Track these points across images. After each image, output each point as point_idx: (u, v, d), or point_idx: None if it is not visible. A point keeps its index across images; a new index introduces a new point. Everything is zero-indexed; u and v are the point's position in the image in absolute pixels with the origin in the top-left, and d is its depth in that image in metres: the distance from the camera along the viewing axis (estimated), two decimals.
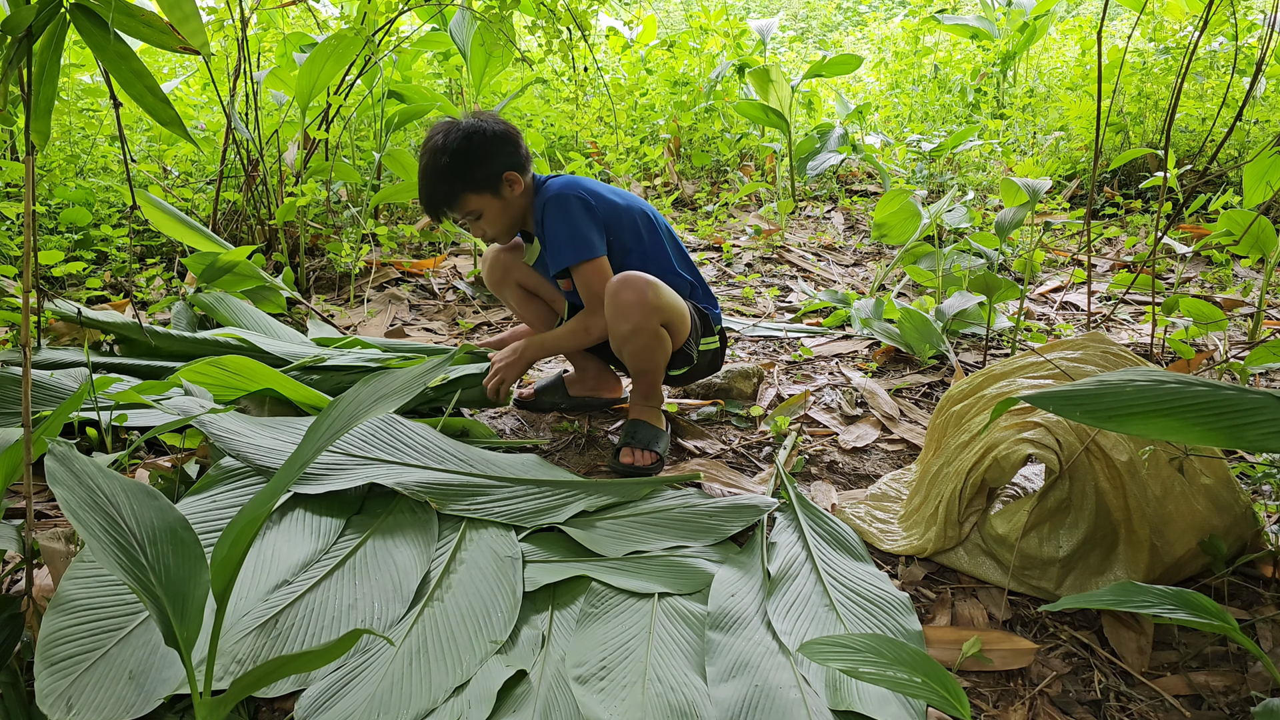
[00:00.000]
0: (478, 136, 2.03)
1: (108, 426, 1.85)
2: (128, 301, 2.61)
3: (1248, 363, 1.98)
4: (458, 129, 2.03)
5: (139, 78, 1.40)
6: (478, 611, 1.44)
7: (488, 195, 2.06)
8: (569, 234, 2.01)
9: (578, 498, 1.77)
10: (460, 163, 2.02)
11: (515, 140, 2.08)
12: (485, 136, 2.03)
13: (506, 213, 2.10)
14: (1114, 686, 1.34)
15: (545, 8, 2.70)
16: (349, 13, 4.09)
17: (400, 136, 4.39)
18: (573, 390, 2.33)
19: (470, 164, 2.02)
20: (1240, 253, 2.68)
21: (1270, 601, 1.51)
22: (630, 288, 1.93)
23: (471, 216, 2.09)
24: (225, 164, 3.15)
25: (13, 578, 1.38)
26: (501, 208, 2.08)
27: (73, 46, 3.74)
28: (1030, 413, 1.60)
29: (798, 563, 1.61)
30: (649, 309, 1.92)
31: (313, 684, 1.27)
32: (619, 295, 1.93)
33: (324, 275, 3.43)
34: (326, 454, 1.77)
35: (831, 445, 2.16)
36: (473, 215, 2.09)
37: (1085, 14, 6.80)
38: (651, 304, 1.93)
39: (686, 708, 1.25)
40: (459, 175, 2.03)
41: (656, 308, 1.94)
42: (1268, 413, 0.99)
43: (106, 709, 1.16)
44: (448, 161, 2.02)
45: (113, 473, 1.17)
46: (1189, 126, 4.51)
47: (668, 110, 5.46)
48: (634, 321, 1.93)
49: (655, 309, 1.93)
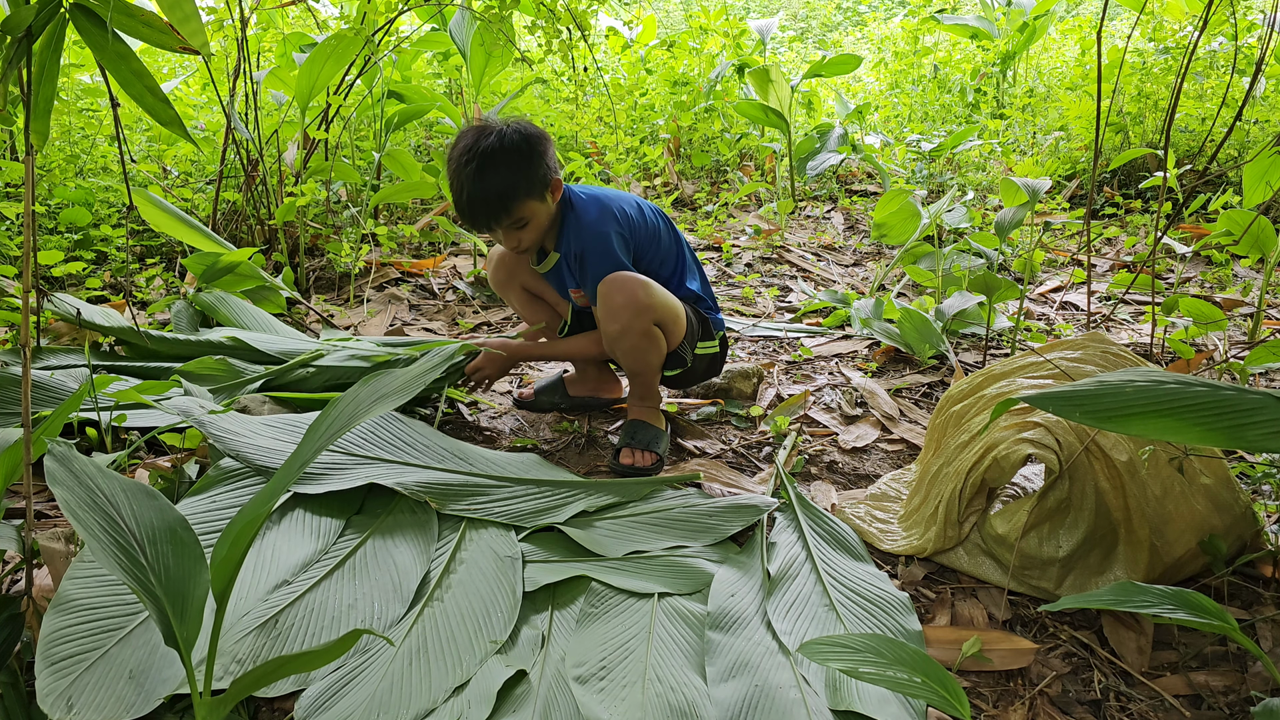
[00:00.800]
0: (534, 136, 1.91)
1: (107, 426, 1.85)
2: (125, 303, 2.62)
3: (1248, 363, 1.98)
4: (510, 128, 1.91)
5: (139, 78, 1.40)
6: (478, 611, 1.44)
7: (538, 201, 1.95)
8: (610, 267, 1.96)
9: (578, 498, 1.77)
10: (522, 164, 1.89)
11: (550, 141, 1.98)
12: (538, 136, 1.92)
13: (547, 220, 2.01)
14: (1114, 686, 1.34)
15: (545, 8, 2.70)
16: (349, 13, 4.09)
17: (400, 136, 4.39)
18: (573, 390, 2.33)
19: (531, 165, 1.90)
20: (1240, 253, 2.68)
21: (1270, 601, 1.51)
22: (620, 289, 1.92)
23: (518, 224, 1.96)
24: (225, 164, 3.15)
25: (13, 578, 1.38)
26: (546, 215, 1.99)
27: (73, 46, 3.75)
28: (1030, 413, 1.60)
29: (798, 563, 1.61)
30: (639, 308, 1.92)
31: (313, 684, 1.27)
32: (610, 297, 1.93)
33: (324, 275, 3.43)
34: (326, 454, 1.77)
35: (831, 445, 2.16)
36: (519, 223, 1.95)
37: (1085, 14, 6.80)
38: (642, 303, 1.92)
39: (686, 708, 1.25)
40: (520, 179, 1.90)
41: (647, 306, 1.93)
42: (1268, 413, 0.99)
43: (107, 708, 1.16)
44: (507, 164, 1.88)
45: (112, 473, 1.17)
46: (1189, 126, 4.51)
47: (667, 110, 5.46)
48: (623, 322, 1.92)
49: (646, 308, 1.93)
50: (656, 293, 1.96)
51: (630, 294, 1.91)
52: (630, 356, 1.99)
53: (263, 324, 2.62)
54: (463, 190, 1.91)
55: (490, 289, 3.38)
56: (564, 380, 2.35)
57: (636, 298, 1.91)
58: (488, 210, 1.92)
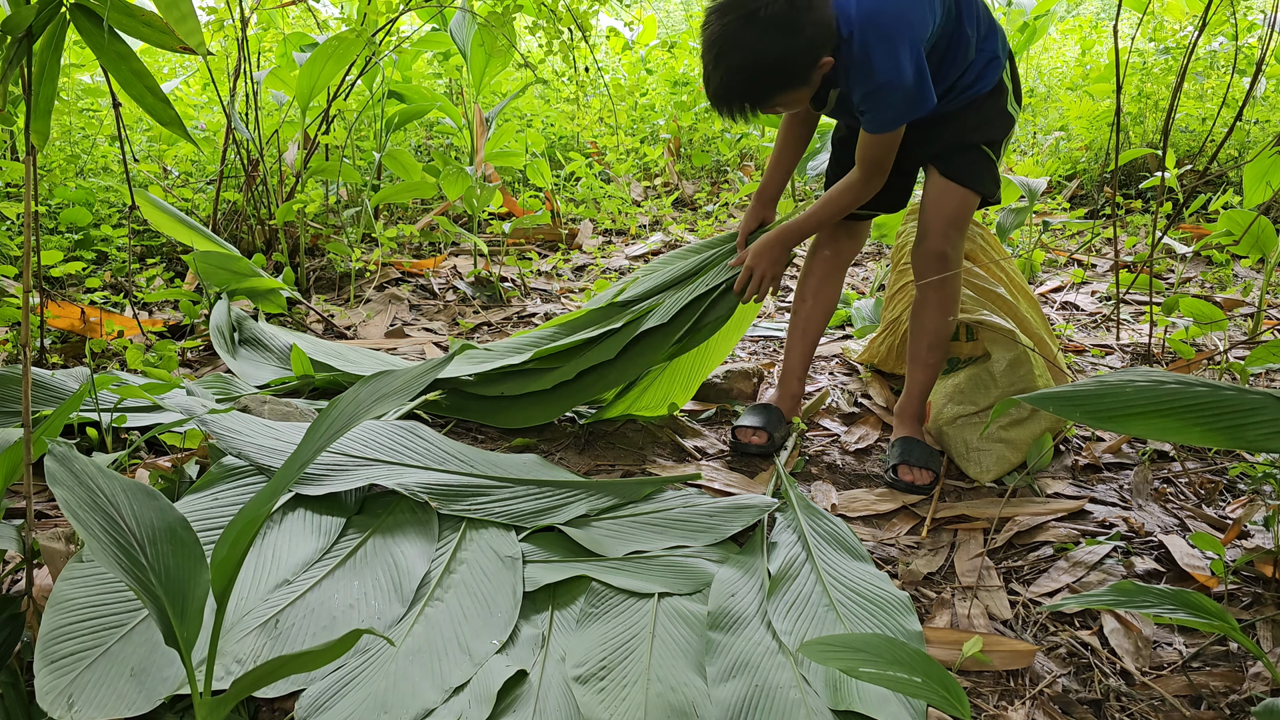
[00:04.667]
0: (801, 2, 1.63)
1: (108, 426, 1.85)
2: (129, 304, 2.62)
3: (1248, 363, 1.98)
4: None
5: (139, 78, 1.40)
6: (478, 611, 1.44)
7: (797, 90, 1.73)
8: (889, 111, 1.75)
9: (578, 498, 1.77)
10: (769, 59, 1.66)
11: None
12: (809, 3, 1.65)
13: (811, 93, 1.77)
14: (1114, 687, 1.34)
15: (546, 8, 2.70)
16: (349, 13, 4.09)
17: (400, 136, 4.39)
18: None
19: (783, 58, 1.66)
20: (1240, 253, 2.68)
21: (1270, 601, 1.51)
22: (947, 298, 1.95)
23: (775, 109, 1.79)
24: (225, 164, 3.15)
25: (13, 578, 1.38)
26: (807, 94, 1.77)
27: (73, 46, 3.75)
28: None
29: (798, 563, 1.61)
30: (947, 329, 1.98)
31: (313, 684, 1.27)
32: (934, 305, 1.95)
33: (324, 275, 3.43)
34: (327, 454, 1.77)
35: (832, 445, 2.16)
36: (775, 108, 1.79)
37: (1085, 14, 6.80)
38: (949, 329, 1.98)
39: (687, 708, 1.25)
40: (771, 74, 1.68)
41: (951, 322, 1.98)
42: (1268, 413, 0.99)
43: (108, 706, 1.16)
44: (748, 62, 1.66)
45: (113, 473, 1.17)
46: (1189, 126, 4.51)
47: (668, 110, 5.46)
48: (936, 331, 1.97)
49: (951, 325, 1.98)
50: (956, 308, 1.97)
51: (942, 319, 1.95)
52: (932, 369, 2.01)
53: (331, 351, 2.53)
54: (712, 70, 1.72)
55: (491, 289, 3.39)
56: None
57: (946, 327, 1.97)
58: (726, 100, 1.73)
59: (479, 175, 3.54)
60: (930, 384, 2.05)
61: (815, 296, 2.17)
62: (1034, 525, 1.77)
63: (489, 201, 3.56)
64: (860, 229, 2.15)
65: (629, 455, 2.08)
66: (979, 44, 1.85)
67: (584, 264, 3.88)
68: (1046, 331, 2.26)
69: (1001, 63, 1.89)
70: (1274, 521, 1.60)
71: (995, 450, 1.97)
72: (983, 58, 1.85)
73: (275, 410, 2.04)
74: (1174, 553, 1.63)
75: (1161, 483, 1.94)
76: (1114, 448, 2.07)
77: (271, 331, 2.58)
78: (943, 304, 1.95)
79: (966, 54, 1.84)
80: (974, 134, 1.90)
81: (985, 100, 1.88)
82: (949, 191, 1.91)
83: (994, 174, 1.94)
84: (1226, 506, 1.84)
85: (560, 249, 4.10)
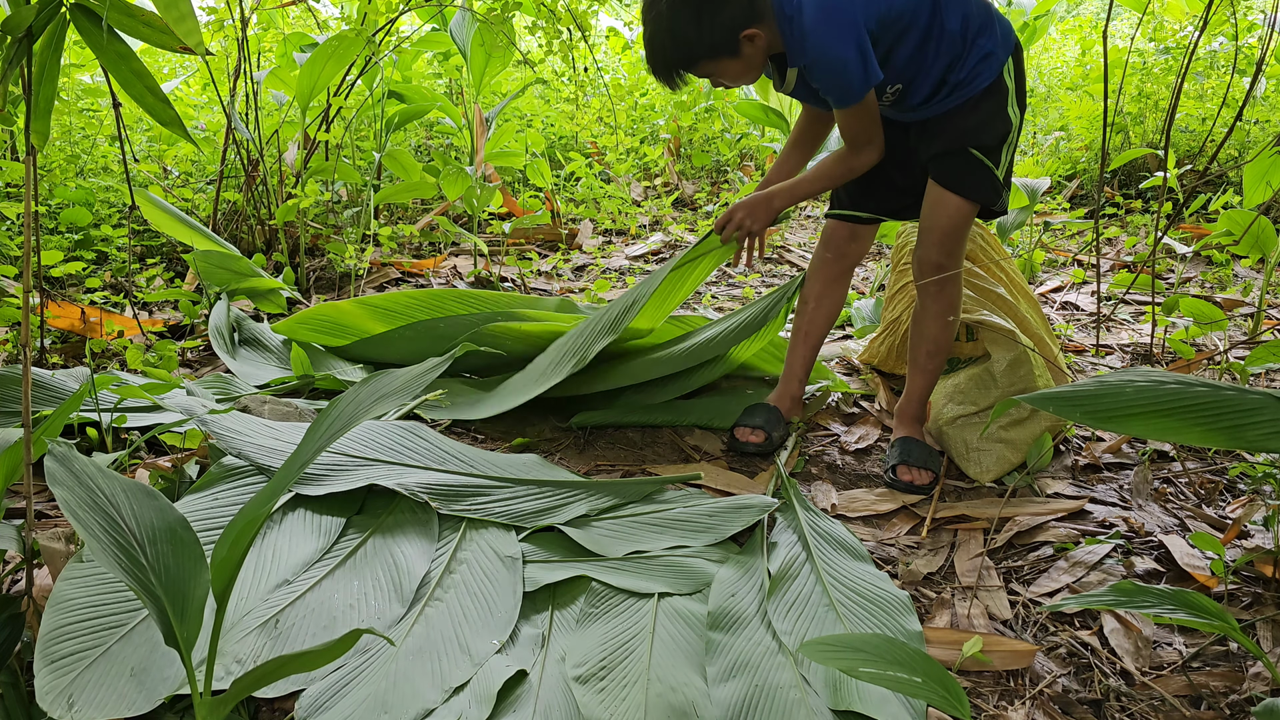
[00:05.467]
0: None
1: (108, 426, 1.85)
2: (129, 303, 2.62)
3: (1248, 363, 1.98)
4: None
5: (139, 78, 1.40)
6: (478, 611, 1.44)
7: (724, 59, 1.77)
8: (840, 84, 1.77)
9: (578, 498, 1.77)
10: (687, 27, 1.73)
11: None
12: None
13: (750, 68, 1.81)
14: (1114, 686, 1.34)
15: (545, 8, 2.70)
16: (349, 13, 4.09)
17: (400, 136, 4.39)
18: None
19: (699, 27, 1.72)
20: (1240, 253, 2.68)
21: (1270, 601, 1.51)
22: (946, 305, 1.94)
23: (708, 77, 1.85)
24: (225, 164, 3.16)
25: (13, 578, 1.38)
26: (743, 68, 1.80)
27: (73, 46, 3.75)
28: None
29: (798, 563, 1.61)
30: (947, 336, 1.98)
31: (313, 684, 1.27)
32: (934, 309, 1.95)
33: (324, 275, 3.43)
34: (327, 454, 1.77)
35: (832, 445, 2.16)
36: (708, 76, 1.84)
37: (1085, 14, 6.80)
38: (949, 336, 1.98)
39: (687, 708, 1.25)
40: (689, 42, 1.74)
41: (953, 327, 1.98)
42: (1268, 413, 0.99)
43: (108, 706, 1.15)
44: (668, 28, 1.75)
45: (113, 473, 1.17)
46: (1189, 126, 4.51)
47: (668, 110, 5.46)
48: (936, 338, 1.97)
49: (953, 328, 1.98)
50: (958, 312, 1.98)
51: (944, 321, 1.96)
52: (932, 372, 2.01)
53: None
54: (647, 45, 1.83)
55: (491, 289, 3.38)
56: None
57: (948, 333, 1.98)
58: (661, 67, 1.81)
59: (479, 175, 3.54)
60: (930, 388, 2.05)
61: (819, 301, 2.17)
62: (1034, 525, 1.77)
63: (489, 201, 3.56)
64: (864, 232, 2.14)
65: (629, 455, 2.08)
66: (971, 38, 1.81)
67: (584, 264, 3.88)
68: (1046, 331, 2.26)
69: (1000, 59, 1.83)
70: (1274, 521, 1.60)
71: (995, 450, 1.97)
72: (976, 53, 1.82)
73: (275, 410, 2.04)
74: (1174, 553, 1.63)
75: (1161, 483, 1.94)
76: (1114, 448, 2.07)
77: (271, 331, 2.58)
78: (941, 312, 1.95)
79: (951, 46, 1.80)
80: (966, 137, 1.85)
81: (981, 100, 1.84)
82: (943, 199, 1.89)
83: (992, 181, 1.87)
84: (1226, 506, 1.84)
85: (560, 249, 4.10)
